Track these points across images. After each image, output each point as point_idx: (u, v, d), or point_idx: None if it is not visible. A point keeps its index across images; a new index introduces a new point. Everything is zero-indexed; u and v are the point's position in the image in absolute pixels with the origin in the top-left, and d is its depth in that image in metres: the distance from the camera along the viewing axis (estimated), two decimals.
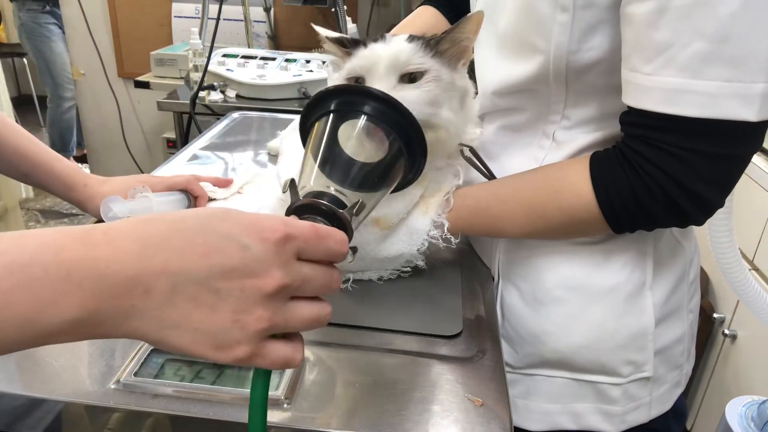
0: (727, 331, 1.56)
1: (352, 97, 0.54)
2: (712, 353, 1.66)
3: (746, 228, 1.51)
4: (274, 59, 2.00)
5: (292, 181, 0.47)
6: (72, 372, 0.57)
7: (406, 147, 0.55)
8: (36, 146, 0.84)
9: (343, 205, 0.46)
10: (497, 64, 0.74)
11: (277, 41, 2.69)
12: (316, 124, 0.55)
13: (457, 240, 0.72)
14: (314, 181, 0.49)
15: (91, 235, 0.36)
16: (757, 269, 1.49)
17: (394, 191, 0.60)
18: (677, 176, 0.60)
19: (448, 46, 0.69)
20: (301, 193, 0.47)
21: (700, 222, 0.65)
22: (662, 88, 0.58)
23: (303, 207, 0.45)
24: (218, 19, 1.56)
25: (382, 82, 0.65)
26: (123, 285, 0.36)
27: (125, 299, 0.36)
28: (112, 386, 0.56)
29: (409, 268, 0.73)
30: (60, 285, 0.34)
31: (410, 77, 0.67)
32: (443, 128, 0.68)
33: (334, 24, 2.15)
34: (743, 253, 0.99)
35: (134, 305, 0.36)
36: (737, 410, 0.81)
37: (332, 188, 0.48)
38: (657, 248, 0.74)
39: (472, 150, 0.73)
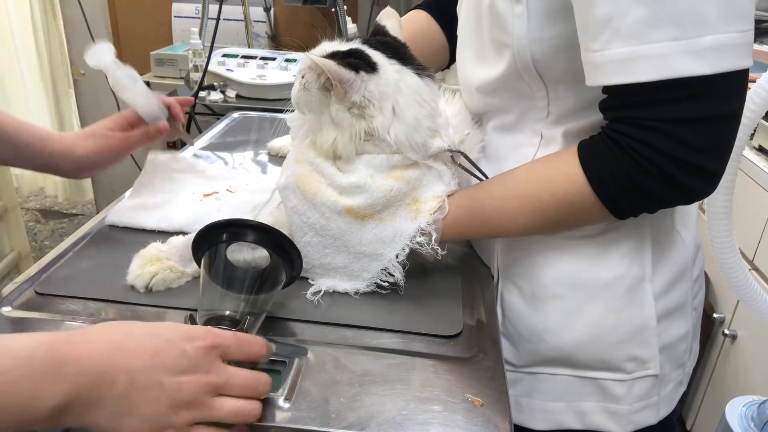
0: (727, 331, 1.55)
1: (234, 230, 0.63)
2: (712, 353, 1.66)
3: (746, 228, 1.51)
4: (274, 59, 2.00)
5: (191, 315, 0.60)
6: None
7: (279, 252, 0.64)
8: (8, 117, 0.81)
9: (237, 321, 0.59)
10: (474, 65, 0.78)
11: (277, 41, 2.69)
12: (207, 254, 0.64)
13: (443, 252, 0.71)
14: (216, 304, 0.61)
15: (72, 337, 0.47)
16: (757, 269, 1.49)
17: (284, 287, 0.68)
18: (666, 149, 0.59)
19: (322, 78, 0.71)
20: (206, 315, 0.60)
21: (706, 193, 0.63)
22: (613, 60, 0.58)
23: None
24: (218, 19, 1.56)
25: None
26: (96, 377, 0.46)
27: (96, 389, 0.46)
28: None
29: (386, 283, 0.72)
30: (53, 376, 0.44)
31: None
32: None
33: (334, 24, 2.15)
34: (743, 253, 0.99)
35: (101, 395, 0.46)
36: (737, 410, 0.81)
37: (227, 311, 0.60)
38: (655, 240, 0.74)
39: (464, 155, 0.73)
